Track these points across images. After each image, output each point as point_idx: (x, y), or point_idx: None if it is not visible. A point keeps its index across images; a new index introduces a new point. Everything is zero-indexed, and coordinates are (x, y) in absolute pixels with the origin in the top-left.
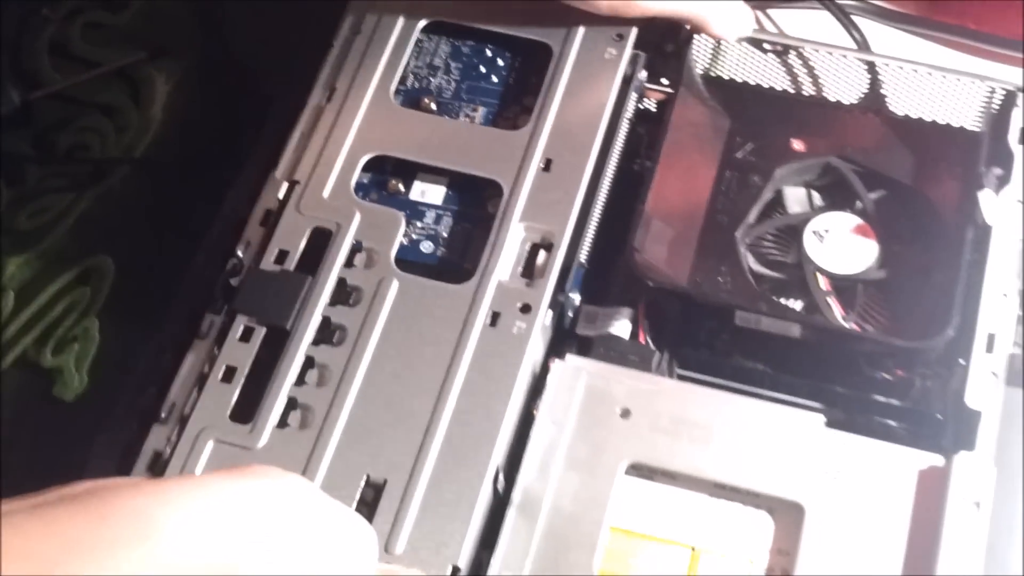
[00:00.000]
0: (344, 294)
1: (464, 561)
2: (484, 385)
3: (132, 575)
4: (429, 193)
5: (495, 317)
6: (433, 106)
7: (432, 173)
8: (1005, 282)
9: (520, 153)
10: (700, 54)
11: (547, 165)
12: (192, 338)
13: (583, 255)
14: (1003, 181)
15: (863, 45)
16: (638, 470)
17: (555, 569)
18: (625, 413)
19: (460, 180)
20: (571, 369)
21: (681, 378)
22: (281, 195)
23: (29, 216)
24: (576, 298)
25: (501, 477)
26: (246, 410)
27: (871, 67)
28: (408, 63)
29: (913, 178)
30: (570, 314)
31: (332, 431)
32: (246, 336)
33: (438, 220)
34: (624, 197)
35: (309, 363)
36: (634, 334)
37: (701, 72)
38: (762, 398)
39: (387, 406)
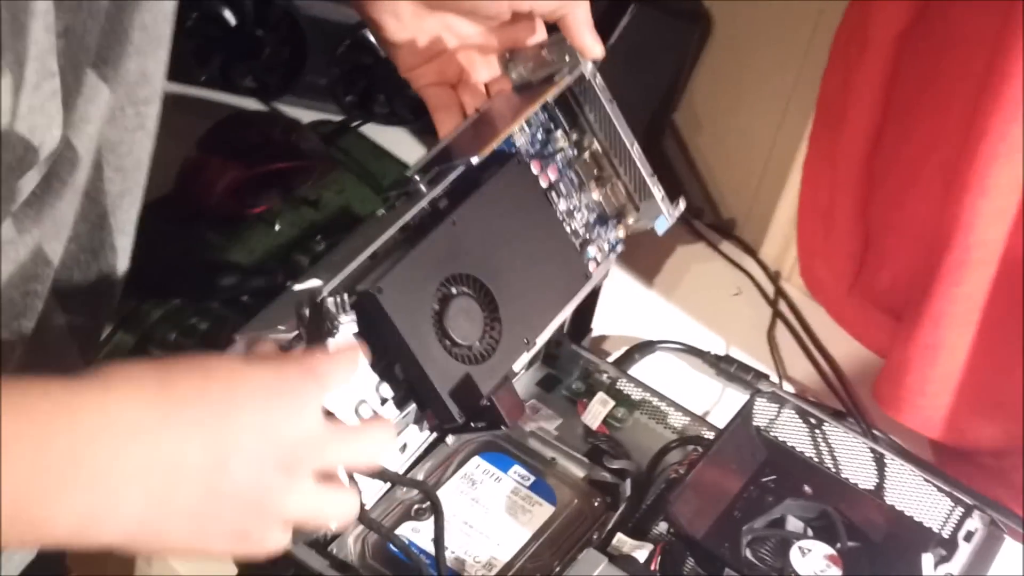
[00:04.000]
0: None
1: None
2: None
3: None
4: None
5: None
6: None
7: None
8: None
9: None
10: (760, 415)
11: None
12: None
13: None
14: (944, 560)
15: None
16: None
17: None
18: None
19: None
20: (596, 558)
21: None
22: None
23: None
24: None
25: None
26: None
27: (879, 459)
28: None
29: (883, 539)
30: None
31: None
32: None
33: None
34: None
35: None
36: (648, 562)
37: (758, 427)
38: None
39: None
